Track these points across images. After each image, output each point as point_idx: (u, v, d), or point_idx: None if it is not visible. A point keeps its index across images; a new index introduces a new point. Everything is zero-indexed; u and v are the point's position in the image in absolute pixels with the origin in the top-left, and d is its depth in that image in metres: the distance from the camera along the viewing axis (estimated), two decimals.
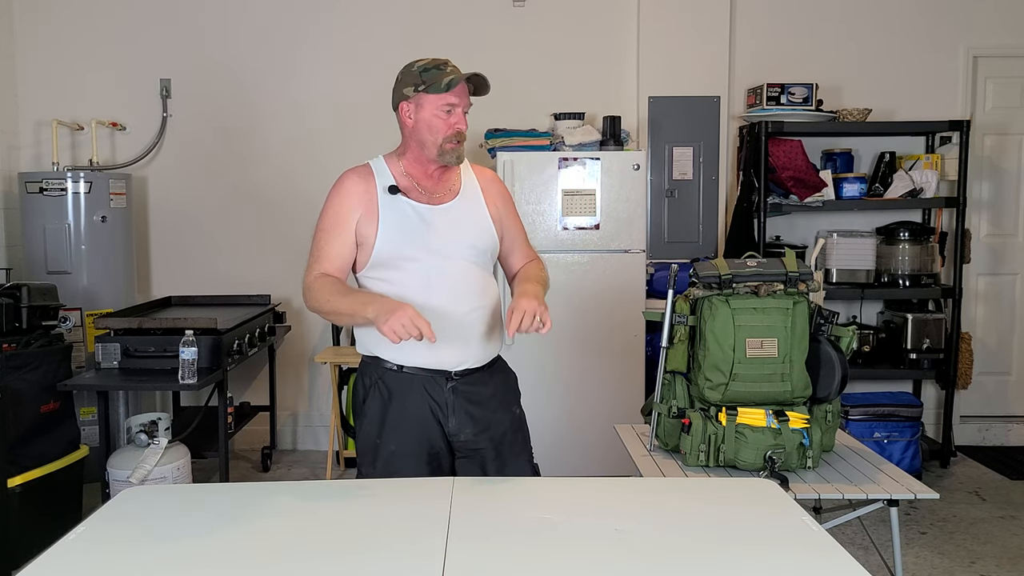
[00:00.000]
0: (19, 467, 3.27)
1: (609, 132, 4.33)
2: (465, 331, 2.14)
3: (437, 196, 2.19)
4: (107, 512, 1.77)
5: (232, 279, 4.79)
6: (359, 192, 2.15)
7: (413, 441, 2.14)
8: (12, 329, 3.39)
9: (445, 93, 2.10)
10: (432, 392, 2.15)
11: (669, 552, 1.56)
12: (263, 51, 4.78)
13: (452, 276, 2.14)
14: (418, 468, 2.13)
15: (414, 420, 2.14)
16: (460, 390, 2.16)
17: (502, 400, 2.25)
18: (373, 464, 2.16)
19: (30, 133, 4.76)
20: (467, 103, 2.16)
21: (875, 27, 4.80)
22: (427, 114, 2.13)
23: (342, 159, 4.78)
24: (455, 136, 2.13)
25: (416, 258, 2.12)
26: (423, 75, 2.12)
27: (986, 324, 4.98)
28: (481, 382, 2.20)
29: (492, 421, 2.20)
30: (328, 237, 2.16)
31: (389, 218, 2.13)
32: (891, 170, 4.62)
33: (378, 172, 2.19)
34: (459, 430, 2.17)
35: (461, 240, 2.16)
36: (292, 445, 4.98)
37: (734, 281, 2.48)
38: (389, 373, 2.16)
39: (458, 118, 2.14)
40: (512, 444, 2.25)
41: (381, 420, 2.15)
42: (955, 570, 3.32)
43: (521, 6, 4.77)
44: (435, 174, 2.20)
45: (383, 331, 1.91)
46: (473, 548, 1.55)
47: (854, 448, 2.69)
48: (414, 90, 2.14)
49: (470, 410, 2.17)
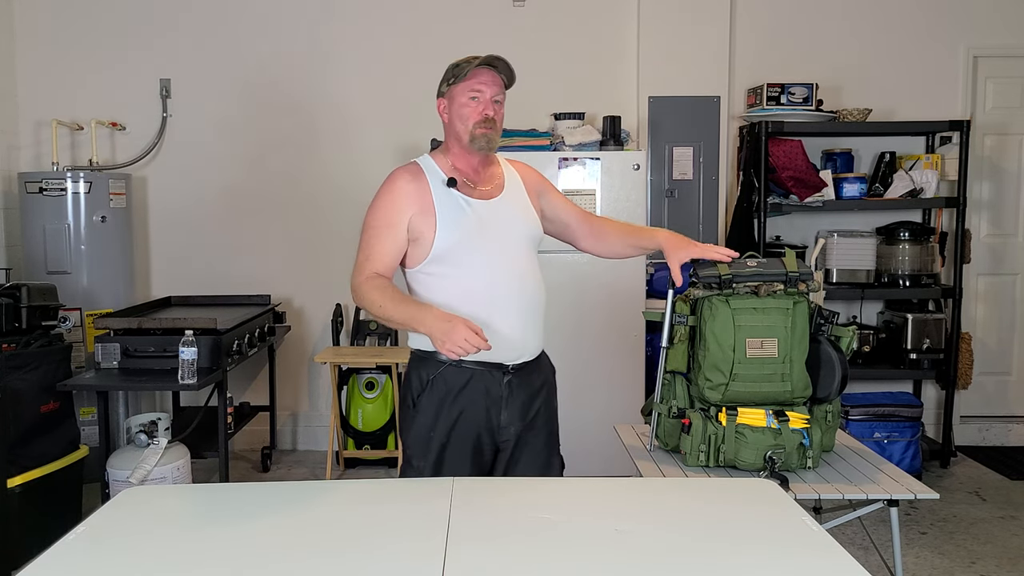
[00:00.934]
0: (19, 467, 3.27)
1: (609, 132, 4.33)
2: (524, 324, 2.20)
3: (486, 191, 2.24)
4: (107, 512, 1.77)
5: (232, 279, 4.79)
6: (411, 190, 2.18)
7: (465, 435, 2.19)
8: (12, 329, 3.40)
9: (469, 80, 2.17)
10: (489, 386, 2.19)
11: (669, 552, 1.55)
12: (263, 51, 4.78)
13: (511, 270, 2.19)
14: (466, 461, 2.19)
15: (469, 414, 2.19)
16: (514, 383, 2.22)
17: (548, 392, 2.35)
18: (425, 456, 2.20)
19: (30, 133, 4.76)
20: (495, 91, 2.20)
21: (875, 27, 4.80)
22: (457, 104, 2.20)
23: (342, 158, 4.84)
24: (484, 121, 2.18)
25: (475, 252, 2.16)
26: (453, 70, 2.21)
27: (986, 324, 4.98)
28: (532, 374, 2.27)
29: (538, 412, 2.28)
30: (379, 235, 2.16)
31: (446, 214, 2.16)
32: (891, 170, 4.62)
33: (428, 169, 2.23)
34: (509, 422, 2.23)
35: (514, 232, 2.23)
36: (292, 445, 4.98)
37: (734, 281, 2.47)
38: (448, 368, 2.19)
39: (485, 104, 2.18)
40: (551, 435, 2.34)
41: (437, 414, 2.19)
42: (955, 570, 3.32)
43: (521, 6, 4.77)
44: (480, 168, 2.26)
45: (442, 351, 1.98)
46: (473, 548, 1.55)
47: (854, 448, 2.69)
48: (446, 85, 2.23)
49: (523, 402, 2.24)
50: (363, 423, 4.50)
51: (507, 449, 2.25)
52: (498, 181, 2.28)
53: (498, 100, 2.21)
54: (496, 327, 2.09)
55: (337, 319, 4.71)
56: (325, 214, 4.83)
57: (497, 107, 2.20)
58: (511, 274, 2.17)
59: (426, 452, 2.19)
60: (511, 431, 2.23)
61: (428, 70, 4.76)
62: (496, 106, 2.20)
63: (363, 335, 4.69)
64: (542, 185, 2.40)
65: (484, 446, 2.22)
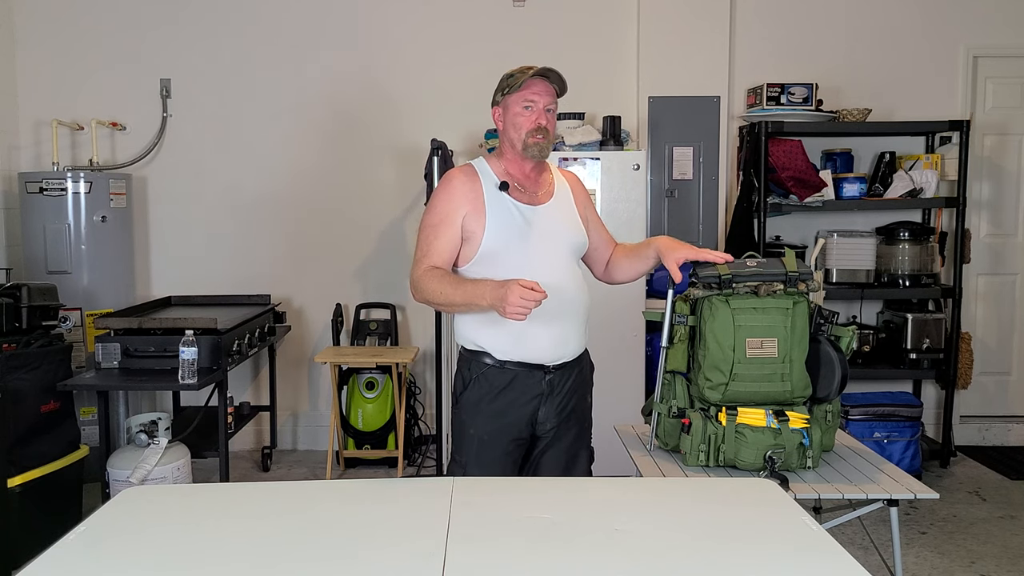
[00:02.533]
0: (19, 467, 3.27)
1: (609, 132, 4.33)
2: (565, 327, 2.28)
3: (536, 196, 2.33)
4: (107, 512, 1.77)
5: (232, 279, 4.80)
6: (466, 191, 2.27)
7: (503, 432, 2.29)
8: (12, 329, 3.39)
9: (523, 91, 2.26)
10: (529, 386, 2.28)
11: (669, 552, 1.56)
12: (263, 51, 4.78)
13: (553, 273, 2.25)
14: (504, 456, 2.29)
15: (508, 413, 2.28)
16: (554, 382, 2.31)
17: (585, 389, 2.43)
18: (466, 452, 2.30)
19: (30, 133, 4.76)
20: (547, 100, 2.29)
21: (875, 27, 4.80)
22: (511, 113, 2.29)
23: (342, 158, 4.84)
24: (537, 130, 2.26)
25: (520, 255, 2.24)
26: (508, 80, 2.30)
27: (986, 324, 4.98)
28: (571, 374, 2.35)
29: (575, 410, 2.37)
30: (437, 232, 2.26)
31: (496, 215, 2.25)
32: (891, 170, 4.62)
33: (482, 172, 2.33)
34: (547, 418, 2.32)
35: (559, 238, 2.31)
36: (292, 445, 4.98)
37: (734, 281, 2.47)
38: (492, 369, 2.28)
39: (539, 114, 2.27)
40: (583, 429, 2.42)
41: (475, 411, 2.30)
42: (955, 570, 3.32)
43: (521, 6, 4.77)
44: (531, 175, 2.34)
45: (509, 317, 2.03)
46: (473, 548, 1.55)
47: (854, 448, 2.69)
48: (501, 95, 2.32)
49: (561, 398, 2.32)
50: (363, 423, 4.50)
51: (548, 443, 2.34)
52: (548, 188, 2.37)
53: (550, 109, 2.30)
54: (536, 329, 2.19)
55: (337, 319, 4.71)
56: (325, 214, 4.83)
57: (550, 116, 2.29)
58: (552, 278, 2.22)
59: (466, 448, 2.31)
60: (547, 426, 2.32)
61: (429, 70, 4.81)
62: (549, 115, 2.29)
63: (363, 335, 4.69)
64: (588, 202, 2.50)
65: (521, 443, 2.32)
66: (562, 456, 2.36)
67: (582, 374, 2.41)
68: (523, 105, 2.27)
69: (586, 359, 2.45)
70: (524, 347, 2.25)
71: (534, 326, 2.17)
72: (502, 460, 2.28)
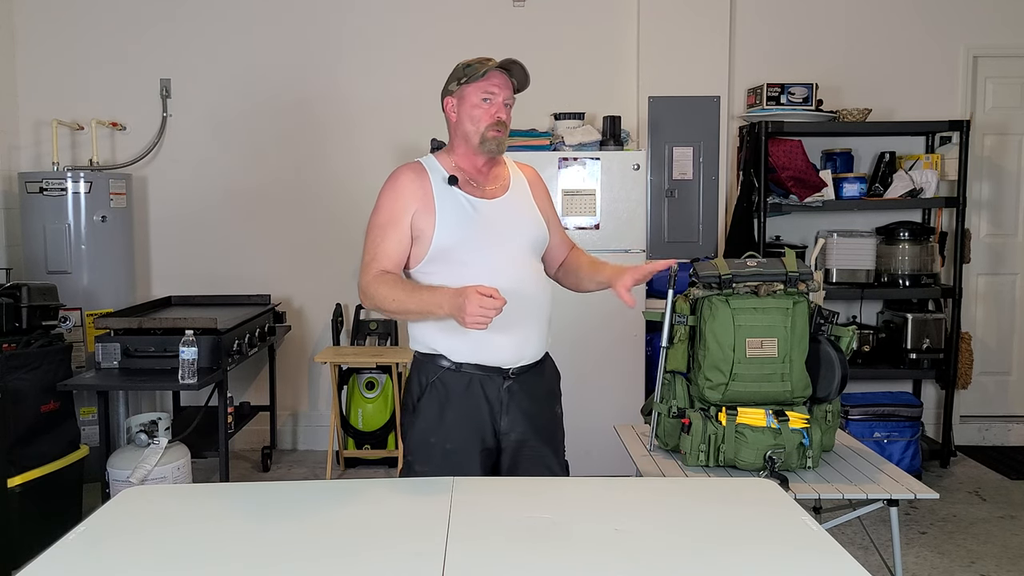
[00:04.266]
0: (19, 467, 3.27)
1: (609, 132, 4.33)
2: (526, 327, 2.15)
3: (491, 190, 2.21)
4: (107, 512, 1.77)
5: (232, 279, 4.79)
6: (414, 188, 2.16)
7: (468, 439, 2.15)
8: (12, 329, 3.40)
9: (483, 81, 2.14)
10: (488, 391, 2.16)
11: (669, 552, 1.56)
12: (263, 51, 4.78)
13: (512, 271, 2.14)
14: (472, 464, 2.14)
15: (470, 418, 2.16)
16: (514, 388, 2.17)
17: (549, 398, 2.30)
18: (428, 461, 2.16)
19: (30, 133, 4.76)
20: (507, 94, 2.18)
21: (875, 27, 4.80)
22: (468, 105, 2.17)
23: (343, 158, 4.84)
24: (496, 124, 2.16)
25: (476, 252, 2.12)
26: (465, 70, 2.17)
27: (986, 324, 4.98)
28: (533, 379, 2.22)
29: (541, 418, 2.23)
30: (384, 233, 2.15)
31: (446, 211, 2.13)
32: (891, 170, 4.62)
33: (431, 167, 2.20)
34: (511, 428, 2.18)
35: (517, 233, 2.19)
36: (292, 445, 4.98)
37: (734, 281, 2.48)
38: (447, 372, 2.16)
39: (498, 107, 2.16)
40: (554, 442, 2.28)
41: (438, 418, 2.16)
42: (955, 570, 3.32)
43: (521, 6, 4.77)
44: (484, 169, 2.23)
45: (469, 327, 1.93)
46: (473, 548, 1.55)
47: (854, 448, 2.69)
48: (457, 84, 2.19)
49: (523, 407, 2.19)
50: (363, 423, 4.50)
51: (508, 453, 2.21)
52: (503, 182, 2.25)
53: (509, 104, 2.19)
54: (494, 329, 2.01)
55: (337, 319, 4.71)
56: (325, 214, 4.83)
57: (508, 111, 2.19)
58: (511, 275, 2.12)
59: (428, 457, 2.16)
60: (512, 437, 2.19)
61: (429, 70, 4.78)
62: (507, 110, 2.19)
63: (363, 335, 4.69)
64: (546, 198, 2.37)
65: (486, 453, 2.18)
66: (532, 471, 2.19)
67: (546, 381, 2.29)
68: (482, 97, 2.14)
69: (549, 364, 2.31)
70: (482, 349, 2.11)
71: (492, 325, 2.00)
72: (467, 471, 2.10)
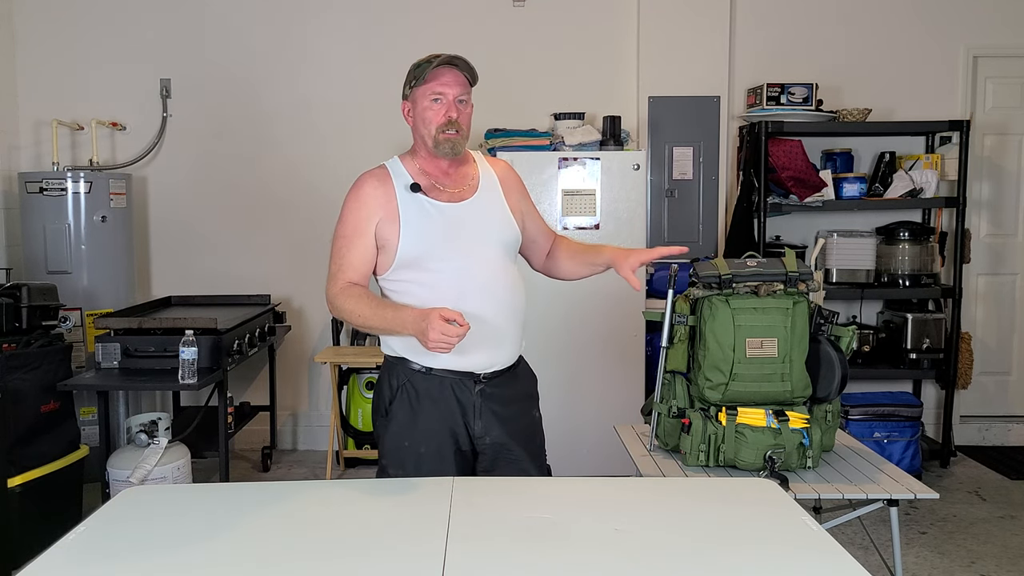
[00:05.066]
0: (19, 467, 3.27)
1: (609, 132, 4.33)
2: (498, 332, 2.11)
3: (457, 193, 2.14)
4: (107, 512, 1.77)
5: (232, 279, 4.80)
6: (378, 195, 2.11)
7: (441, 443, 2.12)
8: (12, 329, 3.40)
9: (429, 82, 2.07)
10: (460, 394, 2.12)
11: (669, 552, 1.56)
12: (263, 51, 4.78)
13: (483, 275, 2.09)
14: (446, 469, 2.10)
15: (442, 422, 2.12)
16: (487, 392, 2.13)
17: (525, 402, 2.25)
18: (402, 466, 2.12)
19: (30, 133, 4.76)
20: (458, 91, 2.08)
21: (875, 27, 4.80)
22: (420, 108, 2.10)
23: (343, 158, 4.84)
24: (448, 124, 2.07)
25: (444, 258, 2.07)
26: (415, 71, 2.11)
27: (986, 324, 4.98)
28: (507, 383, 2.18)
29: (516, 423, 2.19)
30: (349, 244, 2.09)
31: (411, 218, 2.08)
32: (891, 170, 4.62)
33: (395, 173, 2.15)
34: (485, 432, 2.14)
35: (487, 236, 2.12)
36: (292, 445, 4.98)
37: (734, 281, 2.48)
38: (417, 375, 2.12)
39: (448, 106, 2.07)
40: (531, 446, 2.23)
41: (410, 422, 2.12)
42: (955, 570, 3.32)
43: (521, 6, 4.77)
44: (450, 170, 2.16)
45: (431, 351, 1.91)
46: (473, 548, 1.55)
47: (854, 448, 2.69)
48: (409, 88, 2.13)
49: (497, 411, 2.15)
50: (363, 423, 4.50)
51: (485, 457, 2.17)
52: (471, 182, 2.17)
53: (462, 100, 2.09)
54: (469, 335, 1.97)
55: (337, 319, 4.71)
56: (325, 214, 4.79)
57: (461, 107, 2.09)
58: (482, 280, 2.08)
59: (402, 461, 2.12)
60: (486, 442, 2.15)
61: None
62: (460, 106, 2.08)
63: (363, 335, 4.69)
64: (521, 191, 2.29)
65: (461, 456, 2.15)
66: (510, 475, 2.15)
67: (521, 385, 2.23)
68: (431, 98, 2.06)
69: (523, 368, 2.26)
70: (453, 354, 2.00)
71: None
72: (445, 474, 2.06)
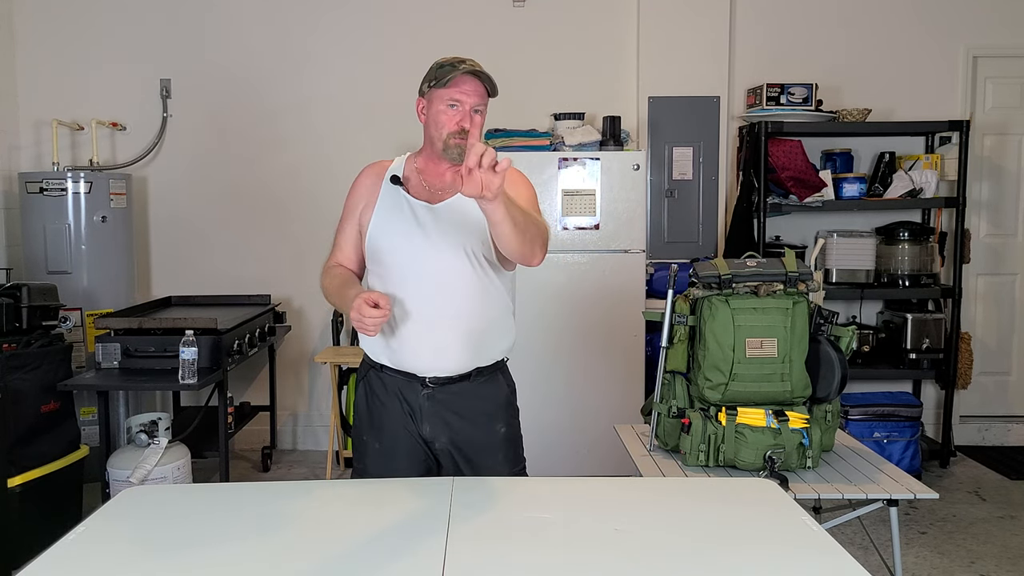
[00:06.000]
0: (19, 467, 3.27)
1: (609, 132, 4.33)
2: (437, 337, 2.07)
3: (437, 194, 2.13)
4: (107, 512, 1.77)
5: (232, 279, 4.80)
6: (368, 184, 2.20)
7: (393, 440, 2.15)
8: (12, 329, 3.40)
9: (449, 88, 2.08)
10: (407, 396, 2.13)
11: (669, 552, 1.56)
12: (263, 51, 4.78)
13: (433, 277, 2.07)
14: (402, 467, 2.12)
15: (392, 420, 2.15)
16: (438, 398, 2.11)
17: (485, 415, 2.16)
18: (363, 459, 2.20)
19: (30, 133, 4.76)
20: (476, 101, 2.09)
21: (875, 27, 4.80)
22: (435, 109, 2.12)
23: (343, 158, 4.84)
24: (459, 132, 2.08)
25: (397, 252, 2.10)
26: (437, 72, 2.12)
27: (986, 324, 4.98)
28: (461, 393, 2.12)
29: (470, 435, 2.13)
30: (341, 228, 2.23)
31: (383, 210, 2.14)
32: (891, 170, 4.62)
33: (394, 166, 2.22)
34: (433, 437, 2.13)
35: (451, 240, 2.08)
36: (292, 445, 4.98)
37: (734, 281, 2.48)
38: (372, 372, 2.18)
39: (463, 115, 2.08)
40: (490, 461, 2.15)
41: (367, 418, 2.19)
42: (955, 570, 3.32)
43: (521, 6, 4.77)
44: (446, 174, 2.14)
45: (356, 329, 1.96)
46: (473, 548, 1.55)
47: (854, 448, 2.69)
48: (427, 86, 2.15)
49: (447, 418, 2.12)
50: None
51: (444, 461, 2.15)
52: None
53: (478, 110, 2.09)
54: (407, 335, 2.05)
55: (337, 319, 4.71)
56: (325, 214, 4.81)
57: (476, 117, 2.08)
58: (433, 282, 2.06)
59: (363, 454, 2.19)
60: (437, 446, 2.13)
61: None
62: (475, 116, 2.08)
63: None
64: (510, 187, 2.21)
65: (414, 456, 2.14)
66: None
67: (479, 398, 2.13)
68: (448, 103, 2.07)
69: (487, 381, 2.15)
70: (396, 352, 2.07)
71: (406, 331, 2.05)
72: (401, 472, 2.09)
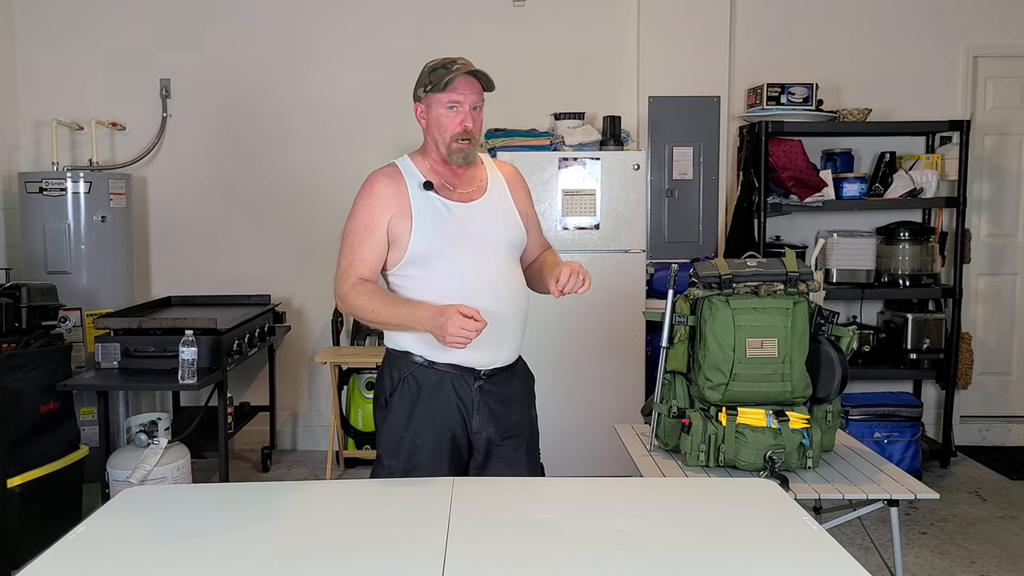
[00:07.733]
0: (19, 467, 3.27)
1: (609, 132, 4.33)
2: (501, 331, 2.13)
3: (467, 193, 2.19)
4: (107, 512, 1.77)
5: (232, 279, 4.79)
6: (390, 193, 2.15)
7: (438, 435, 2.16)
8: (12, 329, 3.39)
9: (447, 91, 2.11)
10: (459, 390, 2.16)
11: (669, 552, 1.56)
12: (263, 51, 4.78)
13: (488, 274, 2.14)
14: (440, 461, 2.15)
15: (441, 415, 2.16)
16: (486, 389, 2.17)
17: (523, 401, 2.29)
18: (396, 456, 2.17)
19: (30, 133, 4.76)
20: (474, 99, 2.13)
21: (875, 27, 4.80)
22: (435, 113, 2.14)
23: (343, 158, 4.84)
24: (462, 134, 2.12)
25: (451, 256, 2.12)
26: (431, 75, 2.14)
27: (986, 324, 4.98)
28: (506, 381, 2.22)
29: (513, 421, 2.23)
30: (361, 240, 2.14)
31: (423, 216, 2.12)
32: (891, 170, 4.62)
33: (406, 171, 2.20)
34: (481, 428, 2.18)
35: (494, 236, 2.16)
36: (292, 445, 4.98)
37: (734, 281, 2.48)
38: (420, 368, 2.16)
39: (464, 115, 2.12)
40: (527, 444, 2.27)
41: (409, 414, 2.17)
42: (955, 570, 3.32)
43: (521, 6, 4.77)
44: (459, 171, 2.21)
45: (448, 346, 1.95)
46: (473, 548, 1.55)
47: (854, 448, 2.69)
48: (424, 91, 2.16)
49: (494, 408, 2.19)
50: (363, 423, 4.50)
51: (479, 452, 2.21)
52: (480, 183, 2.22)
53: (477, 108, 2.15)
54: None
55: (337, 319, 4.71)
56: (325, 214, 4.82)
57: (475, 115, 2.14)
58: (486, 279, 2.13)
59: (397, 452, 2.17)
60: (483, 437, 2.19)
61: None
62: (475, 114, 2.14)
63: (363, 335, 4.69)
64: (526, 197, 2.33)
65: (457, 450, 2.18)
66: (502, 472, 2.20)
67: (520, 384, 2.28)
68: (447, 106, 2.11)
69: (521, 367, 2.30)
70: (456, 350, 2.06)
71: None
72: (437, 469, 2.13)
